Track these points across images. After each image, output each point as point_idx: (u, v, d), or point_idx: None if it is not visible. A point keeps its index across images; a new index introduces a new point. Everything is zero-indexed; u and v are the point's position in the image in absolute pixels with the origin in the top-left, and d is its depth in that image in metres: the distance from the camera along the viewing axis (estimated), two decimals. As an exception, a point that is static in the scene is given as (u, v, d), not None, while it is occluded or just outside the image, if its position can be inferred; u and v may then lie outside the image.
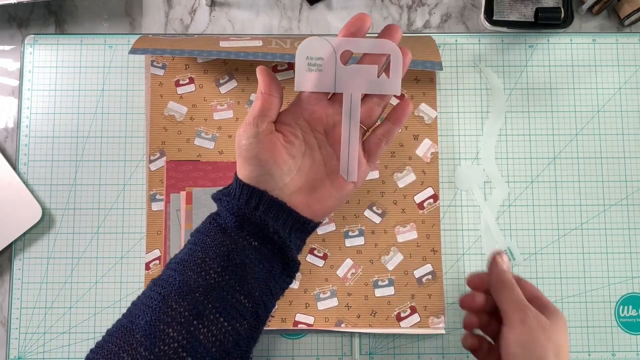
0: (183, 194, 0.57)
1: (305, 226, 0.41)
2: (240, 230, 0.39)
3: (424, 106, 0.59)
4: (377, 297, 0.57)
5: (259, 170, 0.40)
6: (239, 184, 0.40)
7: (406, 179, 0.58)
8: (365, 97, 0.42)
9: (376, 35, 0.42)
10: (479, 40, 0.61)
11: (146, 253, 0.57)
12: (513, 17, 0.60)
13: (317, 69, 0.40)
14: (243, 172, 0.40)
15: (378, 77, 0.40)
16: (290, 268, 0.41)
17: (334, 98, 0.42)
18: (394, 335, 0.57)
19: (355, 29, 0.40)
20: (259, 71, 0.41)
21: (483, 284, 0.48)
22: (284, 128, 0.41)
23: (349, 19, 0.40)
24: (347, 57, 0.41)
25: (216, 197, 0.42)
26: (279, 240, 0.40)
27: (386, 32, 0.41)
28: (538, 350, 0.41)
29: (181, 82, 0.59)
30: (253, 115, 0.40)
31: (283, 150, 0.40)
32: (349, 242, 0.57)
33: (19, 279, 0.57)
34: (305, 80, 0.40)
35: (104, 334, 0.39)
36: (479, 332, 0.48)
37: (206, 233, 0.40)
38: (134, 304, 0.39)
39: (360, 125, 0.41)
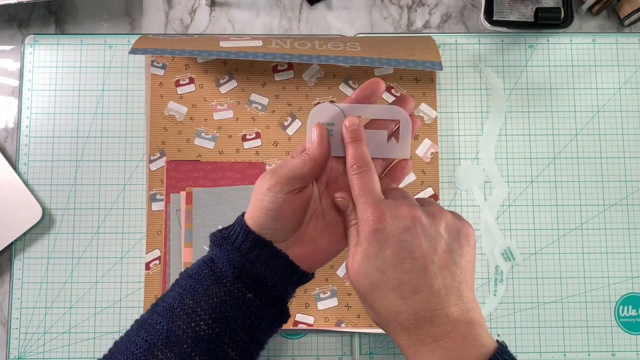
0: (183, 194, 0.57)
1: (301, 279, 0.41)
2: (237, 282, 0.38)
3: (424, 106, 0.59)
4: (377, 297, 0.56)
5: (274, 224, 0.38)
6: (244, 230, 0.39)
7: (406, 178, 0.58)
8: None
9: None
10: (479, 40, 0.61)
11: (146, 253, 0.57)
12: (513, 17, 0.60)
13: (328, 134, 0.40)
14: (256, 220, 0.38)
15: (387, 141, 0.41)
16: (281, 319, 0.41)
17: None
18: (394, 335, 0.57)
19: (370, 92, 0.40)
20: (319, 133, 0.39)
21: None
22: None
23: (363, 84, 0.41)
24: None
25: (215, 241, 0.40)
26: (275, 294, 0.39)
27: (400, 101, 0.42)
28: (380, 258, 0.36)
29: (181, 82, 0.59)
30: (294, 175, 0.38)
31: (303, 207, 0.39)
32: (349, 242, 0.57)
33: (19, 279, 0.57)
34: None
35: (103, 333, 0.39)
36: None
37: (199, 280, 0.38)
38: (116, 345, 0.38)
39: None
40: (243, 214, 0.40)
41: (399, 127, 0.41)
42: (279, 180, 0.38)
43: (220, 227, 0.42)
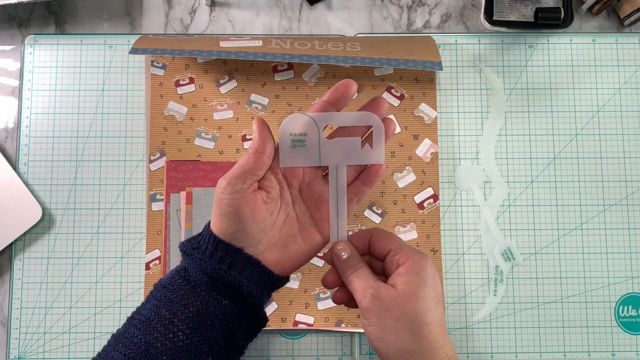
0: (183, 194, 0.57)
1: (276, 284, 0.41)
2: (212, 290, 0.38)
3: (424, 106, 0.59)
4: (377, 297, 0.56)
5: (237, 227, 0.38)
6: (213, 238, 0.39)
7: (406, 179, 0.58)
8: None
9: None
10: (479, 40, 0.61)
11: (146, 253, 0.57)
12: (513, 17, 0.60)
13: (300, 145, 0.40)
14: (219, 227, 0.39)
15: (361, 148, 0.41)
16: (258, 324, 0.41)
17: None
18: (394, 335, 0.57)
19: (340, 95, 0.40)
20: (257, 125, 0.40)
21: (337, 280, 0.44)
22: (264, 183, 0.40)
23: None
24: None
25: (185, 251, 0.40)
26: (251, 300, 0.39)
27: (372, 104, 0.41)
28: (393, 337, 0.37)
29: (181, 82, 0.59)
30: (242, 171, 0.39)
31: (263, 206, 0.39)
32: (349, 242, 0.57)
33: (19, 279, 0.57)
34: (291, 156, 0.41)
35: (103, 333, 0.39)
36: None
37: (173, 290, 0.38)
38: None
39: None
40: (209, 224, 0.40)
41: (372, 132, 0.41)
42: (230, 180, 0.38)
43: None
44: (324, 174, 0.42)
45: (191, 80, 0.59)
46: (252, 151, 0.39)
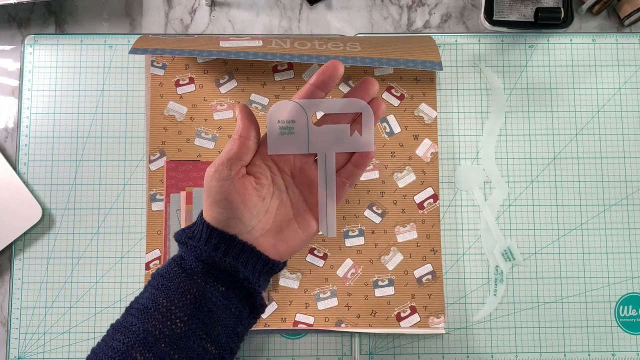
0: (183, 194, 0.57)
1: (273, 268, 0.41)
2: (208, 277, 0.38)
3: (424, 106, 0.59)
4: (377, 297, 0.57)
5: (228, 213, 0.39)
6: (206, 227, 0.39)
7: (406, 179, 0.58)
8: None
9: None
10: (479, 40, 0.61)
11: (146, 253, 0.57)
12: (513, 17, 0.60)
13: (289, 132, 0.40)
14: (210, 214, 0.39)
15: (351, 135, 0.41)
16: (257, 310, 0.41)
17: None
18: (394, 335, 0.57)
19: (327, 77, 0.40)
20: (239, 111, 0.40)
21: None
22: (254, 169, 0.41)
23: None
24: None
25: (180, 240, 0.40)
26: (248, 286, 0.39)
27: (362, 86, 0.41)
28: None
29: (181, 82, 0.59)
30: (228, 157, 0.39)
31: (253, 192, 0.39)
32: (349, 242, 0.57)
33: (19, 279, 0.57)
34: (279, 144, 0.41)
35: (103, 333, 0.39)
36: None
37: (170, 278, 0.39)
38: (94, 352, 0.38)
39: None
40: (202, 213, 0.40)
41: (361, 119, 0.41)
42: (217, 168, 0.39)
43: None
44: (316, 158, 0.42)
45: (191, 80, 0.59)
46: (236, 137, 0.40)
